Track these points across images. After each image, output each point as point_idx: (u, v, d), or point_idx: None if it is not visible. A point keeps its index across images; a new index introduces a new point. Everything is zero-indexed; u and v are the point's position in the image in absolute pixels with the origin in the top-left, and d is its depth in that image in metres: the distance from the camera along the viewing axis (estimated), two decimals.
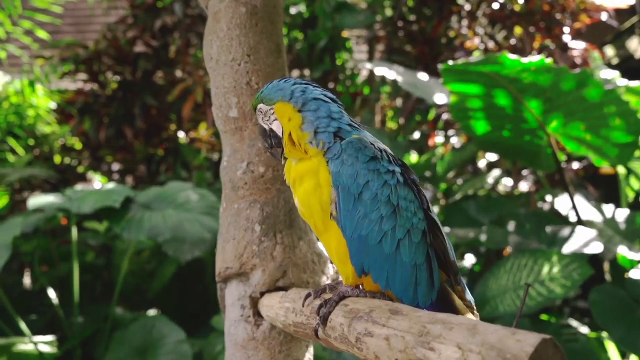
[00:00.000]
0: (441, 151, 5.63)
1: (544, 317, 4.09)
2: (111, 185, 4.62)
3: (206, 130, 6.04)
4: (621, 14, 6.49)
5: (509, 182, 5.52)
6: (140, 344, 3.86)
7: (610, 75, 4.23)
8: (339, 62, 6.20)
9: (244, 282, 1.80)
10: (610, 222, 4.20)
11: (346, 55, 6.27)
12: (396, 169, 1.32)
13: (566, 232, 4.00)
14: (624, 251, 3.79)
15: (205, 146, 5.89)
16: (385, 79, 6.26)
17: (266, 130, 1.47)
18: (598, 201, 4.89)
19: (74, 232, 4.41)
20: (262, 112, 1.46)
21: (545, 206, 5.13)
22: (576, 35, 5.69)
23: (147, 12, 6.03)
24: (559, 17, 5.54)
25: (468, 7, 5.94)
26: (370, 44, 6.62)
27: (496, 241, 4.08)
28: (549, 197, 4.94)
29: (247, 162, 1.83)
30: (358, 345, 1.16)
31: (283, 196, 1.82)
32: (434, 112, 5.77)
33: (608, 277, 4.33)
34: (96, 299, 5.14)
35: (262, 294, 1.79)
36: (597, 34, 6.81)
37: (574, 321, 3.94)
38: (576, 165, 5.48)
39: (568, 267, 3.58)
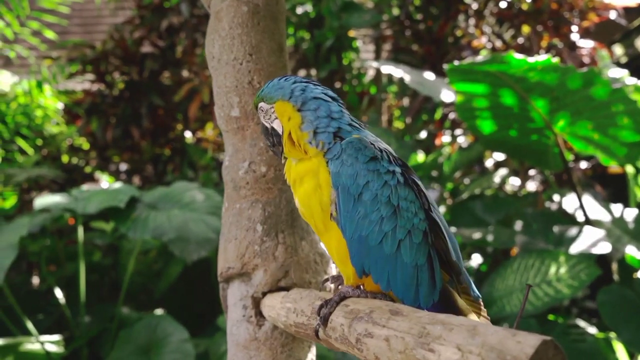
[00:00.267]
0: (448, 150, 5.61)
1: (551, 317, 4.07)
2: (117, 185, 4.64)
3: (212, 129, 6.05)
4: (630, 12, 6.43)
5: (516, 181, 5.49)
6: (145, 343, 3.88)
7: (619, 73, 4.19)
8: (345, 61, 6.19)
9: (245, 282, 1.79)
10: (619, 222, 4.16)
11: (352, 55, 6.26)
12: (396, 169, 1.31)
13: (573, 231, 3.98)
14: (632, 251, 3.76)
15: (211, 146, 5.90)
16: (391, 78, 6.25)
17: (268, 128, 1.47)
18: (606, 200, 4.85)
19: (81, 232, 4.43)
20: (263, 110, 1.46)
21: (553, 206, 5.10)
22: (584, 33, 5.65)
23: (154, 12, 6.06)
24: (567, 15, 5.50)
25: (475, 6, 5.91)
26: (377, 43, 6.60)
27: (503, 241, 4.07)
28: (556, 197, 4.91)
29: (248, 162, 1.82)
30: (358, 346, 1.15)
31: (285, 196, 1.81)
32: (440, 111, 5.75)
33: (616, 277, 4.29)
34: (103, 298, 5.16)
35: (264, 293, 1.78)
36: (606, 33, 6.75)
37: (581, 321, 3.91)
38: (584, 165, 5.44)
39: (575, 267, 3.56)
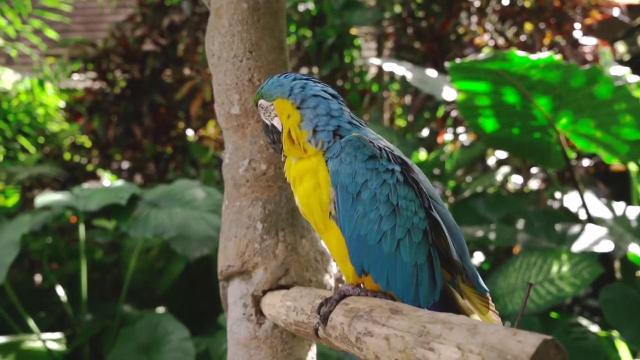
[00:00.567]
0: (450, 148, 5.60)
1: (553, 315, 4.06)
2: (119, 183, 4.64)
3: (214, 127, 6.05)
4: (633, 10, 6.40)
5: (518, 179, 5.48)
6: (145, 341, 3.88)
7: (621, 71, 4.18)
8: (347, 59, 6.17)
9: (245, 280, 1.78)
10: (621, 220, 4.15)
11: (354, 53, 6.24)
12: (395, 168, 1.29)
13: (576, 229, 3.97)
14: (635, 249, 3.75)
15: (213, 144, 5.90)
16: (393, 76, 6.23)
17: (268, 125, 1.46)
18: (608, 198, 4.84)
19: (82, 230, 4.43)
20: (263, 107, 1.45)
21: (555, 204, 5.10)
22: (587, 31, 5.63)
23: (155, 10, 6.05)
24: (569, 12, 5.48)
25: (477, 3, 5.89)
26: (379, 40, 6.59)
27: (505, 239, 4.06)
28: (559, 195, 4.90)
29: (248, 159, 1.82)
30: (358, 345, 1.14)
31: (285, 193, 1.81)
32: (442, 109, 5.74)
33: (618, 275, 4.28)
34: (104, 296, 5.16)
35: (264, 292, 1.77)
36: (608, 30, 6.73)
37: (584, 320, 3.90)
38: (586, 162, 5.43)
39: (577, 265, 3.55)
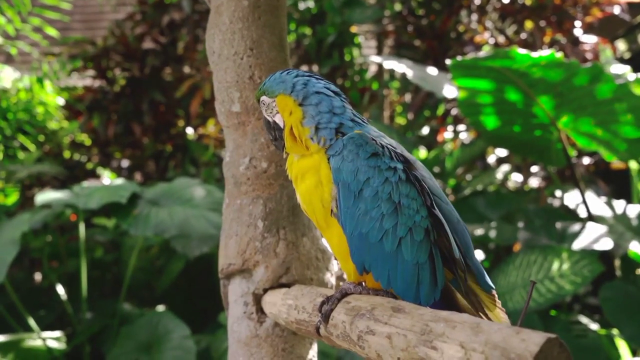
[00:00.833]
0: (450, 146, 5.59)
1: (553, 313, 4.06)
2: (119, 181, 4.63)
3: (214, 126, 6.03)
4: (633, 8, 6.39)
5: (518, 177, 5.48)
6: (146, 339, 3.88)
7: (622, 69, 4.17)
8: (347, 57, 6.16)
9: (246, 279, 1.78)
10: (621, 218, 4.14)
11: (354, 51, 6.23)
12: (398, 166, 1.29)
13: (576, 228, 3.96)
14: (635, 247, 3.74)
15: (213, 142, 5.88)
16: (393, 74, 6.22)
17: (270, 122, 1.46)
18: (609, 197, 4.83)
19: (82, 228, 4.43)
20: (265, 104, 1.45)
21: (555, 202, 5.09)
22: (587, 29, 5.62)
23: (155, 8, 6.04)
24: (570, 10, 5.47)
25: (478, 1, 5.88)
26: (379, 38, 6.57)
27: (505, 237, 4.06)
28: (559, 193, 4.90)
29: (249, 157, 1.81)
30: (360, 343, 1.14)
31: (286, 192, 1.80)
32: (442, 107, 5.73)
33: (619, 273, 4.28)
34: (104, 294, 5.15)
35: (265, 290, 1.77)
36: (609, 28, 6.72)
37: (584, 317, 3.90)
38: (587, 161, 5.42)
39: (578, 263, 3.55)
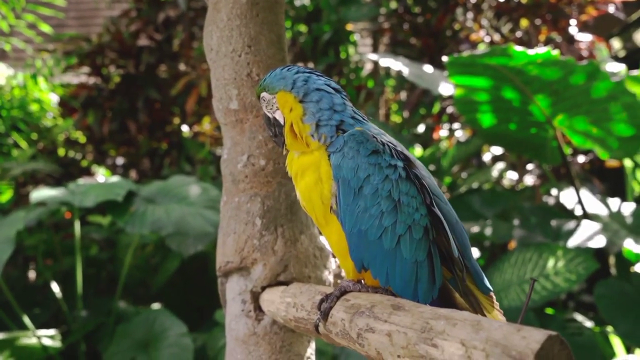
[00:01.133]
0: (445, 144, 5.60)
1: (548, 310, 4.07)
2: (114, 179, 4.61)
3: (210, 123, 6.02)
4: (628, 6, 6.41)
5: (513, 175, 5.49)
6: (143, 337, 3.87)
7: (617, 68, 4.19)
8: (342, 55, 6.16)
9: (244, 277, 1.78)
10: (616, 216, 4.16)
11: (350, 48, 6.23)
12: (398, 163, 1.29)
13: (571, 225, 3.98)
14: (630, 245, 3.76)
15: (208, 140, 5.87)
16: (389, 71, 6.23)
17: (270, 118, 1.46)
18: (604, 195, 4.85)
19: (77, 226, 4.41)
20: (265, 100, 1.45)
21: (550, 200, 5.11)
22: (583, 27, 5.63)
23: (150, 5, 6.01)
24: (565, 9, 5.48)
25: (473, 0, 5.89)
26: (374, 36, 6.57)
27: (501, 235, 4.07)
28: (554, 191, 4.91)
29: (247, 155, 1.81)
30: (359, 341, 1.14)
31: (284, 189, 1.80)
32: (438, 105, 5.74)
33: (613, 270, 4.30)
34: (100, 292, 5.14)
35: (263, 288, 1.77)
36: (604, 26, 6.74)
37: (579, 315, 3.92)
38: (582, 159, 5.44)
39: (573, 261, 3.56)
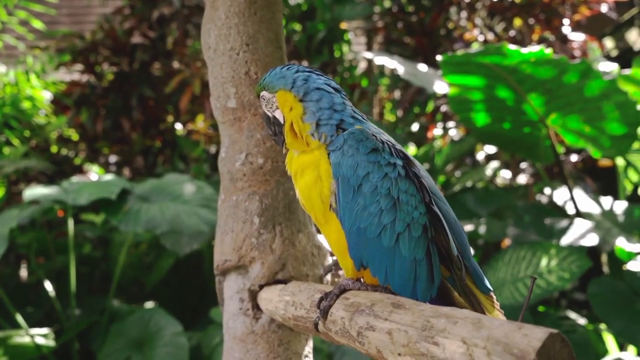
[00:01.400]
0: (439, 143, 5.61)
1: (541, 308, 4.09)
2: (108, 177, 4.59)
3: (203, 121, 6.00)
4: (620, 6, 6.46)
5: (507, 174, 5.51)
6: (137, 336, 3.85)
7: (609, 67, 4.21)
8: (337, 53, 6.16)
9: (242, 275, 1.78)
10: (608, 214, 4.19)
11: (344, 47, 6.23)
12: (397, 162, 1.29)
13: (564, 224, 4.00)
14: (622, 243, 3.79)
15: (202, 138, 5.86)
16: (383, 70, 6.23)
17: (269, 117, 1.46)
18: (596, 193, 4.88)
19: (71, 224, 4.39)
20: (265, 99, 1.45)
21: (544, 198, 5.13)
22: (576, 26, 5.66)
23: (144, 3, 5.97)
24: (558, 8, 5.51)
25: None
26: (369, 35, 6.57)
27: (494, 233, 4.08)
28: (547, 190, 4.94)
29: (245, 153, 1.80)
30: (359, 339, 1.14)
31: (282, 188, 1.80)
32: (432, 103, 5.75)
33: (606, 269, 4.33)
34: (93, 291, 5.12)
35: (261, 286, 1.76)
36: (597, 26, 6.78)
37: (572, 313, 3.94)
38: (575, 158, 5.47)
39: (566, 259, 3.58)
